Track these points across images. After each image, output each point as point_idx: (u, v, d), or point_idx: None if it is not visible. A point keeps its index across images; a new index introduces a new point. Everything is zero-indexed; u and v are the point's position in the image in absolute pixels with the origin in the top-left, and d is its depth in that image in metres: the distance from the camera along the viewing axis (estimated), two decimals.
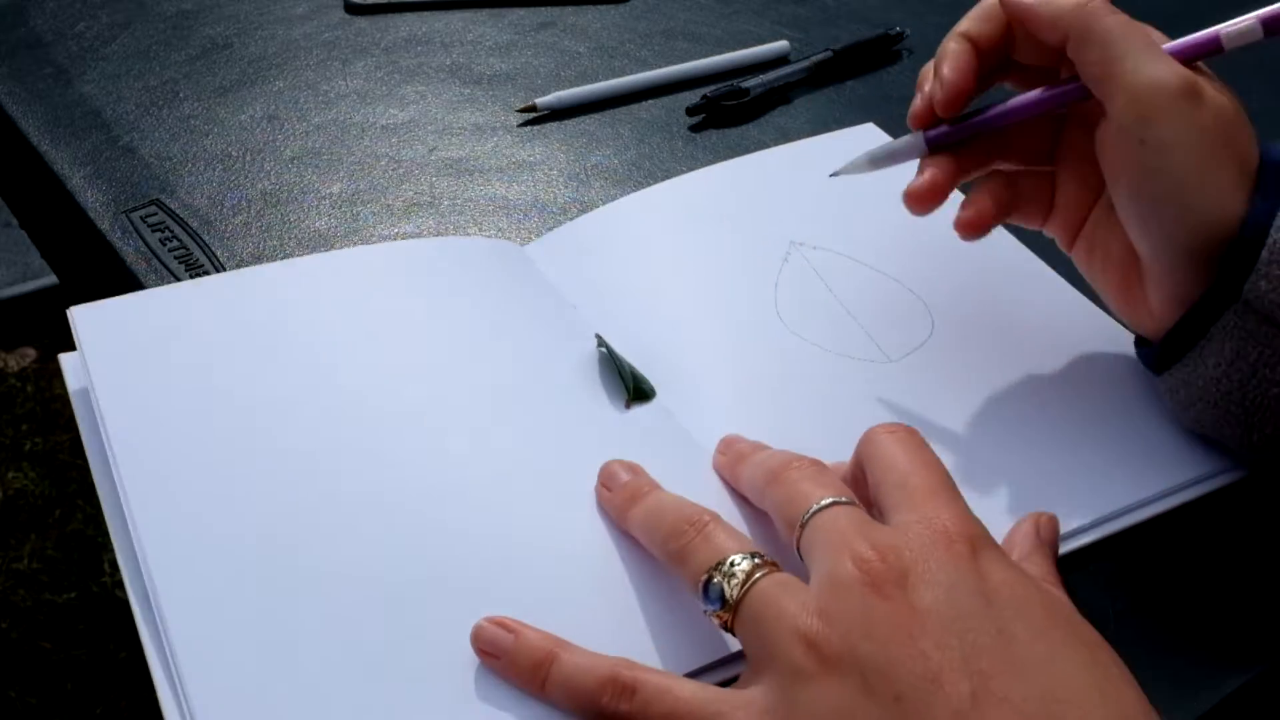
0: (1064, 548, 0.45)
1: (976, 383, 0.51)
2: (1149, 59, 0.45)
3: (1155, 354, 0.47)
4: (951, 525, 0.37)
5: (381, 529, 0.44)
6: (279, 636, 0.41)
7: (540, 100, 0.69)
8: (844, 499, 0.39)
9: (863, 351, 0.52)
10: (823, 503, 0.39)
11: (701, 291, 0.55)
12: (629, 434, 0.48)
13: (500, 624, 0.40)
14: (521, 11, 0.79)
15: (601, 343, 0.51)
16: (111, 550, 0.43)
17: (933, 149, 0.50)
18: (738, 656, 0.41)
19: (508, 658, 0.39)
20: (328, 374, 0.49)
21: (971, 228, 0.50)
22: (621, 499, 0.44)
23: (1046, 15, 0.47)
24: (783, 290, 0.55)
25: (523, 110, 0.69)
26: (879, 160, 0.51)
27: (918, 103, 0.50)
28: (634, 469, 0.45)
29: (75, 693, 1.40)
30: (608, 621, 0.41)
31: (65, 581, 1.51)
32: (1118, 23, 0.45)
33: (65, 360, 0.50)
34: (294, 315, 0.51)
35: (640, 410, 0.50)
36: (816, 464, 0.42)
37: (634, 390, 0.50)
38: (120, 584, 1.48)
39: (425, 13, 0.79)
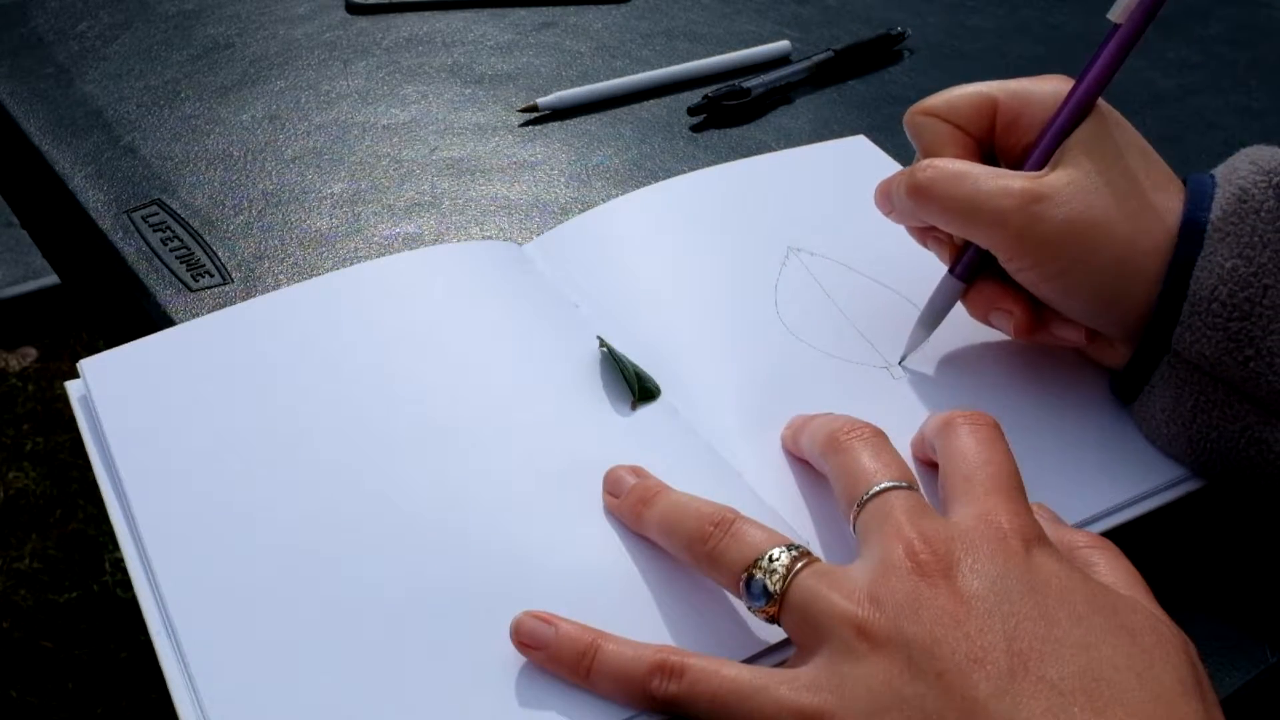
0: None
1: (976, 385, 0.51)
2: (986, 191, 0.46)
3: (1117, 392, 0.50)
4: (1007, 523, 0.38)
5: (393, 539, 0.44)
6: (301, 652, 0.41)
7: (541, 100, 0.69)
8: (903, 483, 0.41)
9: (862, 356, 0.52)
10: (882, 485, 0.40)
11: (702, 290, 0.55)
12: (636, 435, 0.48)
13: (538, 617, 0.41)
14: (522, 11, 0.79)
15: (603, 344, 0.51)
16: (112, 550, 0.43)
17: (968, 279, 0.50)
18: (767, 652, 0.41)
19: (550, 649, 0.40)
20: (333, 392, 0.49)
21: (1024, 332, 0.50)
22: (631, 504, 0.44)
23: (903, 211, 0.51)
24: (782, 293, 0.55)
25: (524, 110, 0.69)
26: (929, 321, 0.52)
27: (948, 256, 0.51)
28: (638, 472, 0.45)
29: (76, 692, 1.40)
30: (629, 625, 0.41)
31: (66, 581, 1.51)
32: (936, 195, 0.48)
33: (71, 386, 0.50)
34: (296, 340, 0.51)
35: (646, 410, 0.50)
36: (877, 433, 0.43)
37: (639, 391, 0.50)
38: (121, 584, 1.47)
39: (426, 13, 0.79)
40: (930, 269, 0.57)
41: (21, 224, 0.77)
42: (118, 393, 0.49)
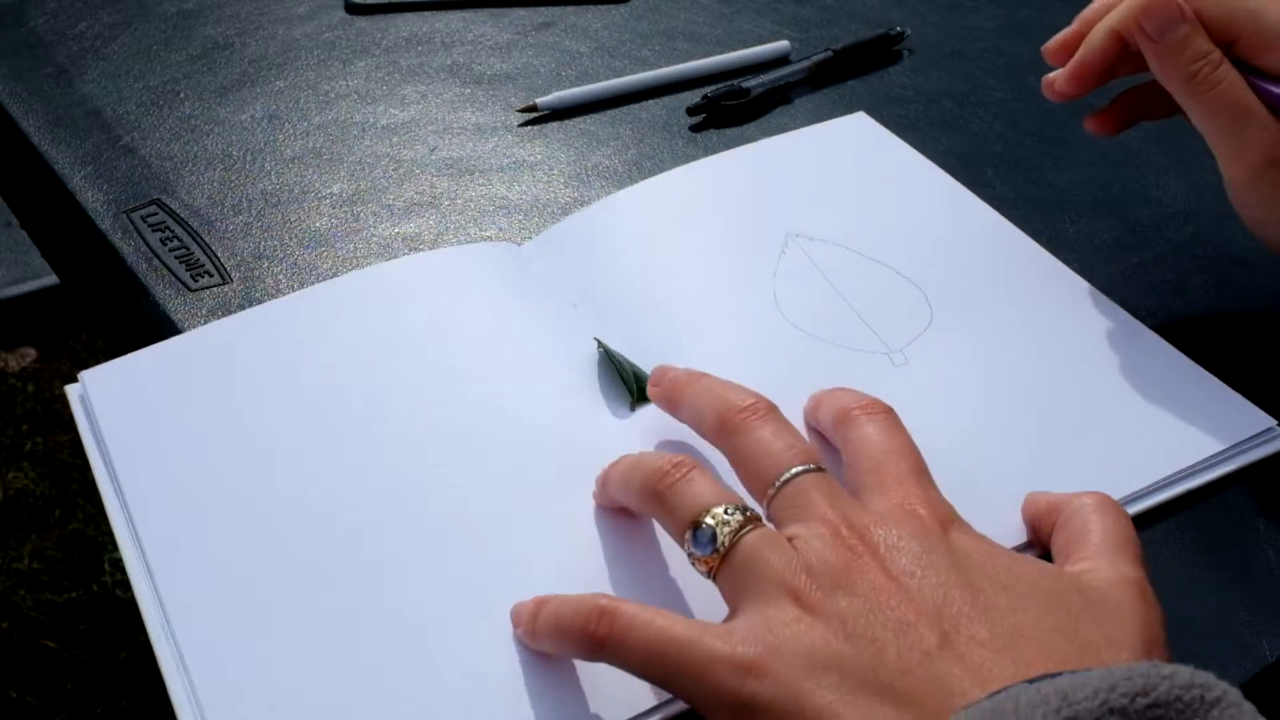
0: None
1: (979, 369, 0.51)
2: (1234, 152, 0.49)
3: None
4: (923, 508, 0.40)
5: (391, 543, 0.44)
6: (298, 655, 0.41)
7: (541, 100, 0.69)
8: (813, 465, 0.41)
9: (864, 343, 0.52)
10: (794, 470, 0.41)
11: (700, 284, 0.55)
12: (635, 435, 0.48)
13: (523, 601, 0.41)
14: (522, 11, 0.79)
15: (600, 345, 0.51)
16: (112, 550, 0.43)
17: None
18: None
19: (520, 623, 0.41)
20: (332, 400, 0.49)
21: (1097, 127, 0.56)
22: (600, 476, 0.45)
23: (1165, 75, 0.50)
24: (781, 282, 0.55)
25: (523, 110, 0.69)
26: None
27: (1054, 44, 0.54)
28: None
29: (75, 692, 1.40)
30: None
31: (66, 581, 1.51)
32: (1209, 103, 0.49)
33: (71, 389, 0.50)
34: (294, 349, 0.51)
35: (644, 411, 0.49)
36: (772, 409, 0.43)
37: (638, 391, 0.50)
38: (121, 584, 1.47)
39: (425, 13, 0.79)
40: (932, 250, 0.56)
41: (21, 224, 0.77)
42: (119, 404, 0.49)
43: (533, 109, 0.69)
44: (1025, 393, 0.50)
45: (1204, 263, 0.59)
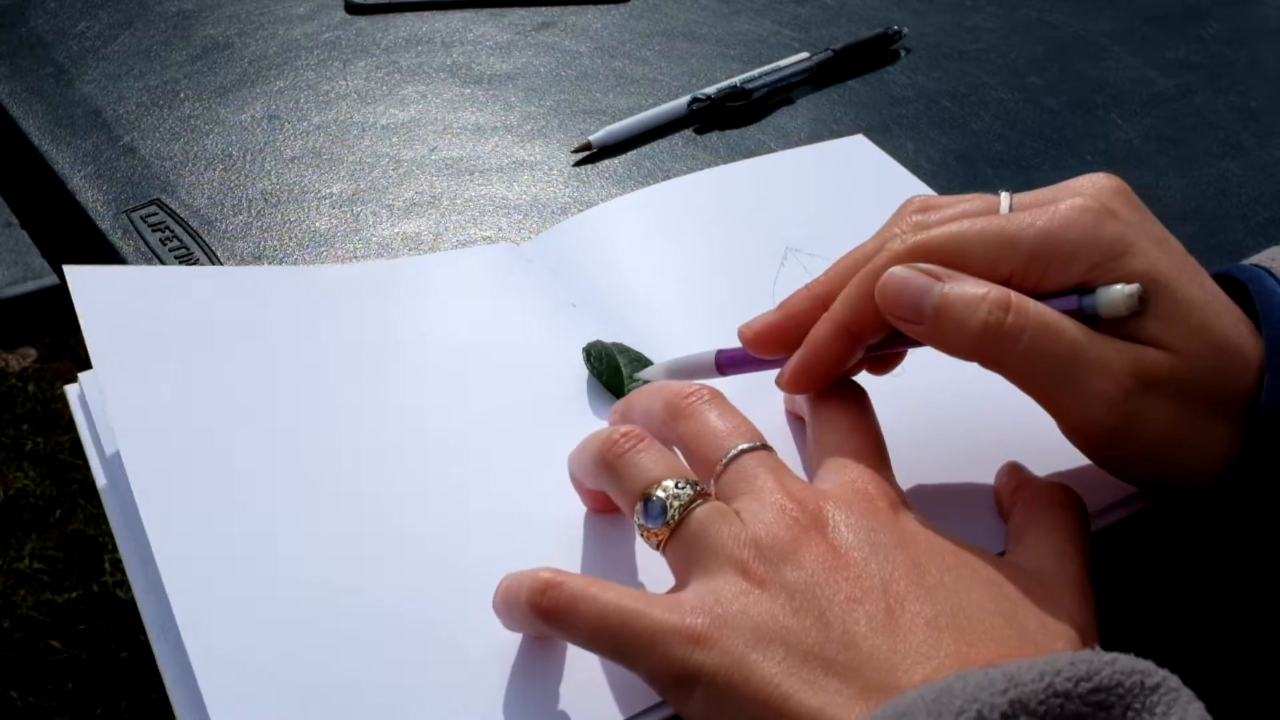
0: None
1: (977, 376, 0.51)
2: (1081, 397, 0.40)
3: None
4: (874, 489, 0.40)
5: (393, 543, 0.44)
6: (297, 655, 0.41)
7: (594, 138, 0.66)
8: (757, 444, 0.41)
9: None
10: (740, 448, 0.41)
11: (699, 291, 0.55)
12: None
13: None
14: (521, 11, 0.79)
15: (587, 358, 0.51)
16: (112, 550, 0.43)
17: (722, 371, 0.47)
18: None
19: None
20: (333, 399, 0.49)
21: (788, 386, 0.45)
22: (568, 459, 0.45)
23: (954, 344, 0.42)
24: (780, 294, 0.55)
25: (577, 150, 0.67)
26: (675, 373, 0.48)
27: (756, 330, 0.46)
28: None
29: (76, 692, 1.40)
30: None
31: (66, 581, 1.51)
32: (1032, 349, 0.40)
33: (70, 391, 0.50)
34: (297, 319, 0.51)
35: None
36: (717, 394, 0.43)
37: (618, 386, 0.50)
38: (121, 584, 1.47)
39: (425, 13, 0.79)
40: None
41: (21, 224, 0.77)
42: (105, 310, 0.49)
43: (587, 148, 0.66)
44: (1021, 408, 0.50)
45: (1203, 262, 0.59)
